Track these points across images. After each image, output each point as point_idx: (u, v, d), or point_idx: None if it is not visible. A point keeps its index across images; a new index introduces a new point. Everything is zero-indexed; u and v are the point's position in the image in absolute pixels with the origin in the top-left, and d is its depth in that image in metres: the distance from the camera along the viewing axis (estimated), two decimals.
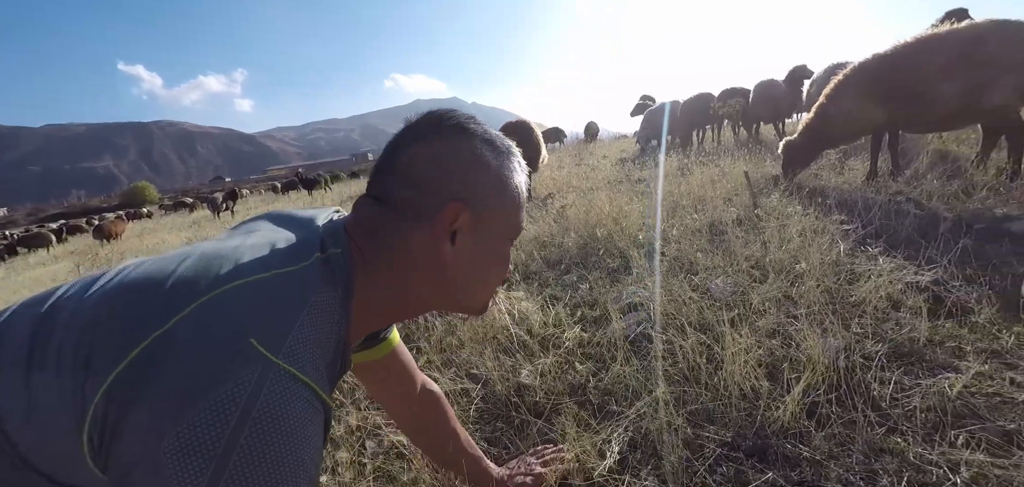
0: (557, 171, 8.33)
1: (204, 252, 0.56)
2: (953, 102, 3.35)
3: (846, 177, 4.10)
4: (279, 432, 0.45)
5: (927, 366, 1.51)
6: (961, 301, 1.77)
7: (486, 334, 2.26)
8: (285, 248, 0.58)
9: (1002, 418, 1.26)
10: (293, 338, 0.50)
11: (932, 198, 3.05)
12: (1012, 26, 3.19)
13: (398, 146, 0.65)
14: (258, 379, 0.45)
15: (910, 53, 3.56)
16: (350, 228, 0.65)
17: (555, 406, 1.72)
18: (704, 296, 2.25)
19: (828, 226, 2.77)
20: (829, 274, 2.16)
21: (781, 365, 1.65)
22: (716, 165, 5.13)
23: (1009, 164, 3.23)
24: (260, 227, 0.67)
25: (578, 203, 4.30)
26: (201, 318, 0.48)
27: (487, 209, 0.66)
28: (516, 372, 1.92)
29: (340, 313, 0.57)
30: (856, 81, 3.84)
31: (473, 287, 0.70)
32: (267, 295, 0.52)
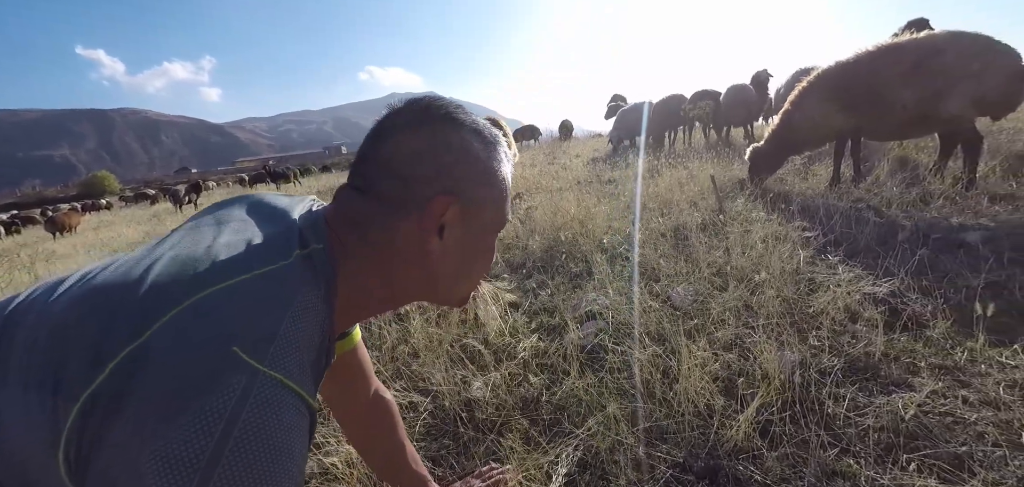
0: (529, 169, 8.25)
1: (177, 254, 0.53)
2: (912, 109, 3.41)
3: (810, 182, 4.15)
4: (264, 444, 0.43)
5: (882, 383, 1.47)
6: (917, 314, 1.75)
7: (441, 341, 2.15)
8: (263, 245, 0.55)
9: (954, 440, 1.22)
10: (278, 342, 0.48)
11: (892, 206, 3.08)
12: (968, 38, 3.26)
13: (383, 134, 0.62)
14: (244, 388, 0.44)
15: (871, 61, 3.61)
16: (331, 219, 0.62)
17: (505, 422, 1.63)
18: (665, 304, 2.19)
19: (790, 233, 2.76)
20: (789, 283, 2.13)
21: (737, 379, 1.59)
22: (685, 168, 5.13)
23: (964, 174, 3.30)
24: (232, 216, 0.62)
25: (546, 204, 4.22)
26: (180, 327, 0.45)
27: (475, 202, 0.63)
28: (468, 385, 1.82)
29: (324, 310, 0.55)
30: (819, 88, 3.87)
31: (458, 280, 0.68)
32: (249, 299, 0.49)
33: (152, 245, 0.59)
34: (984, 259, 2.03)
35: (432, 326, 2.31)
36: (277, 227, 0.59)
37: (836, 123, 3.83)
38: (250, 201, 0.67)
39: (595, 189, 5.24)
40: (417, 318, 2.44)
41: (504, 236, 3.62)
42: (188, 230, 0.61)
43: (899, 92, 3.41)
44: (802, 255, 2.38)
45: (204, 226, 0.61)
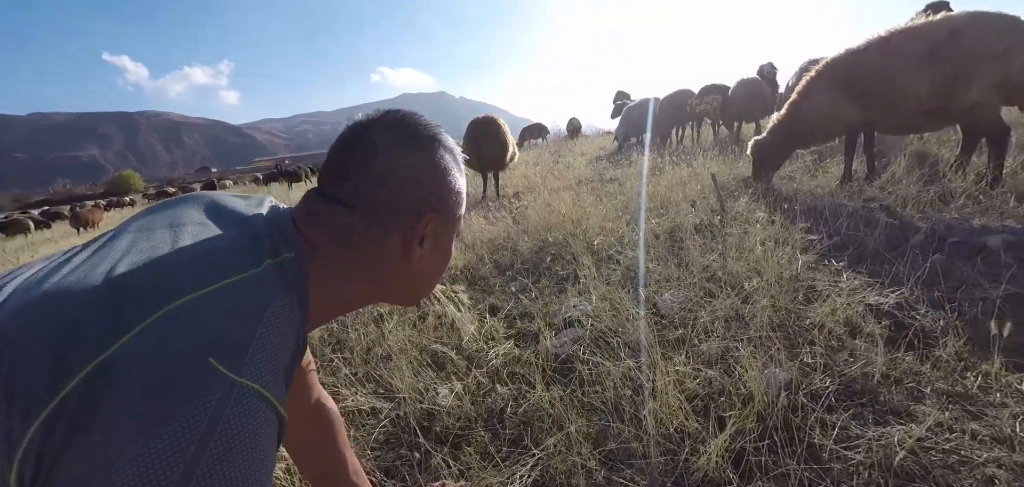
0: (533, 168, 8.10)
1: (139, 259, 0.51)
2: (927, 99, 3.15)
3: (820, 180, 3.92)
4: (239, 454, 0.44)
5: (879, 410, 1.30)
6: (925, 329, 1.57)
7: (416, 345, 2.04)
8: (232, 252, 0.55)
9: (957, 486, 1.05)
10: (253, 351, 0.48)
11: (906, 205, 2.85)
12: (987, 18, 2.99)
13: (373, 148, 0.64)
14: (220, 400, 0.44)
15: (883, 47, 3.36)
16: (301, 223, 0.63)
17: (467, 434, 1.51)
18: (650, 312, 2.03)
19: (793, 235, 2.57)
20: (786, 291, 1.95)
21: (717, 398, 1.44)
22: (689, 165, 4.93)
23: (989, 170, 3.04)
24: (188, 219, 0.61)
25: (541, 203, 4.07)
26: (155, 337, 0.44)
27: (449, 217, 0.70)
28: (433, 392, 1.70)
29: (297, 316, 0.56)
30: (828, 77, 3.62)
31: (428, 282, 0.74)
32: (221, 309, 0.49)
33: (98, 246, 0.56)
34: (1006, 267, 1.83)
35: (408, 328, 2.20)
36: (244, 232, 0.59)
37: (847, 115, 3.59)
38: (205, 202, 0.66)
39: (595, 188, 5.07)
40: (395, 319, 2.33)
41: (495, 236, 3.49)
42: (139, 230, 0.59)
43: (913, 80, 3.16)
44: (802, 260, 2.20)
45: (158, 228, 0.59)
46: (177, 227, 0.59)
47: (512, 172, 7.63)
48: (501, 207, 4.83)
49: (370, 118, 0.67)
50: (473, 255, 3.16)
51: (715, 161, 5.14)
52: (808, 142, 4.02)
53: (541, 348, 1.85)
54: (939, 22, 3.14)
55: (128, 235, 0.58)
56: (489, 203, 5.38)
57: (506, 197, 5.59)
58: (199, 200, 0.66)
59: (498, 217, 4.03)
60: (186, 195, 0.69)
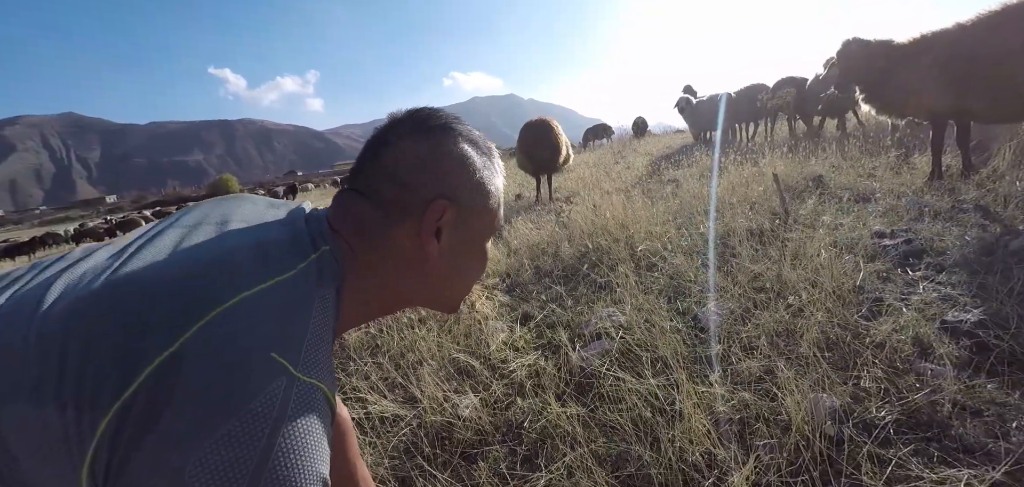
0: (592, 169, 7.95)
1: (191, 257, 0.54)
2: None
3: (904, 178, 3.47)
4: (306, 445, 0.45)
5: (949, 445, 1.12)
6: (1015, 353, 1.33)
7: (446, 351, 2.05)
8: (277, 248, 0.56)
9: None
10: (307, 345, 0.50)
11: (1007, 205, 2.46)
12: None
13: (384, 143, 0.65)
14: (284, 394, 0.45)
15: (993, 24, 2.90)
16: (334, 223, 0.64)
17: (483, 448, 1.49)
18: (689, 324, 1.90)
19: (863, 240, 2.30)
20: (846, 304, 1.74)
21: (754, 425, 1.30)
22: (754, 164, 4.59)
23: None
24: (231, 216, 0.64)
25: (589, 207, 3.96)
26: (216, 333, 0.46)
27: (470, 207, 0.67)
28: (456, 403, 1.70)
29: (335, 311, 0.58)
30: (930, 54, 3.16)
31: (454, 282, 0.71)
32: (276, 305, 0.50)
33: (143, 242, 0.58)
34: None
35: (441, 334, 2.22)
36: (286, 230, 0.61)
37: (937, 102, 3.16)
38: (244, 203, 0.68)
39: (651, 190, 4.87)
40: (429, 323, 2.37)
41: (539, 241, 3.45)
42: (186, 228, 0.61)
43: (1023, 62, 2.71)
44: (868, 269, 1.95)
45: (204, 225, 0.62)
46: (223, 224, 0.61)
47: (568, 174, 7.54)
48: (550, 211, 4.78)
49: (389, 117, 0.69)
50: (515, 260, 3.14)
51: (783, 160, 4.75)
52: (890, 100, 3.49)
53: (563, 361, 1.78)
54: None
55: (175, 231, 0.60)
56: (540, 207, 5.34)
57: (558, 201, 5.52)
58: (239, 201, 0.69)
59: (544, 221, 3.98)
60: (225, 196, 0.72)
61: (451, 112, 0.71)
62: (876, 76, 3.44)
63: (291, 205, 0.70)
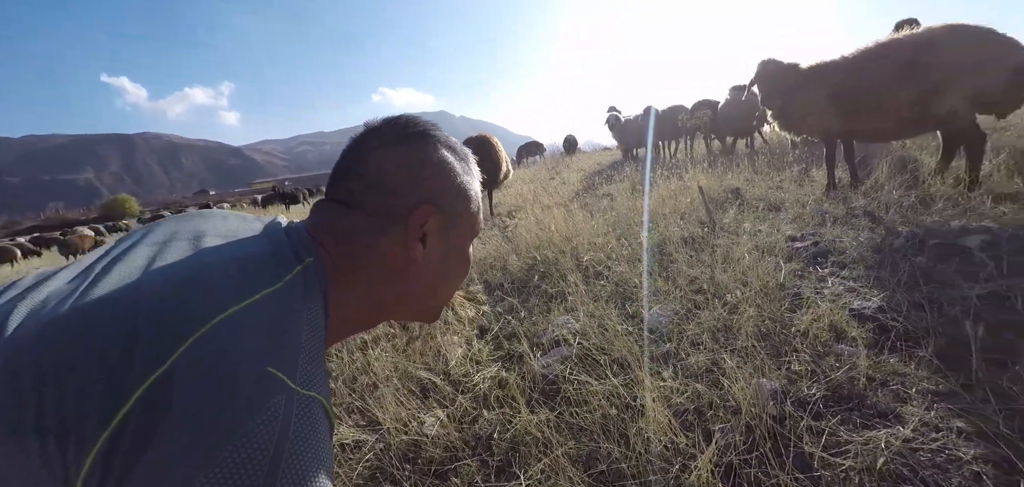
0: (527, 185, 8.15)
1: (168, 275, 0.51)
2: (908, 107, 3.22)
3: (806, 189, 3.96)
4: (310, 464, 0.44)
5: (867, 413, 1.30)
6: (908, 331, 1.58)
7: (402, 371, 2.02)
8: (261, 261, 0.55)
9: (945, 485, 1.05)
10: (302, 357, 0.49)
11: (889, 211, 2.89)
12: (964, 30, 3.08)
13: (365, 151, 0.65)
14: (285, 410, 0.44)
15: (869, 57, 3.43)
16: (315, 233, 0.63)
17: (453, 464, 1.49)
18: (638, 327, 2.03)
19: (779, 244, 2.59)
20: (772, 300, 1.96)
21: (707, 412, 1.43)
22: (679, 179, 4.98)
23: (967, 174, 3.10)
24: (206, 230, 0.62)
25: (532, 221, 4.08)
26: (204, 352, 0.44)
27: (453, 211, 0.68)
28: (420, 421, 1.68)
29: (322, 323, 0.56)
30: (820, 79, 3.66)
31: (438, 288, 0.72)
32: (266, 318, 0.49)
33: (109, 260, 0.55)
34: (983, 266, 1.85)
35: (395, 355, 2.18)
36: (267, 243, 0.59)
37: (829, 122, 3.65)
38: (217, 217, 0.66)
39: (588, 204, 5.10)
40: (382, 344, 2.32)
41: (486, 256, 3.50)
42: (156, 244, 0.59)
43: (896, 89, 3.23)
44: (787, 268, 2.21)
45: (178, 242, 0.59)
46: (197, 240, 0.59)
47: (507, 190, 7.67)
48: (493, 226, 4.85)
49: (366, 125, 0.69)
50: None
51: (705, 174, 5.20)
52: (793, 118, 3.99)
53: (528, 370, 1.84)
54: (920, 34, 3.23)
55: (144, 248, 0.58)
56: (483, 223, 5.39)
57: (499, 215, 5.61)
58: (209, 216, 0.67)
59: (489, 236, 4.04)
60: (194, 211, 0.69)
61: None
62: (784, 96, 3.91)
63: (265, 219, 0.68)
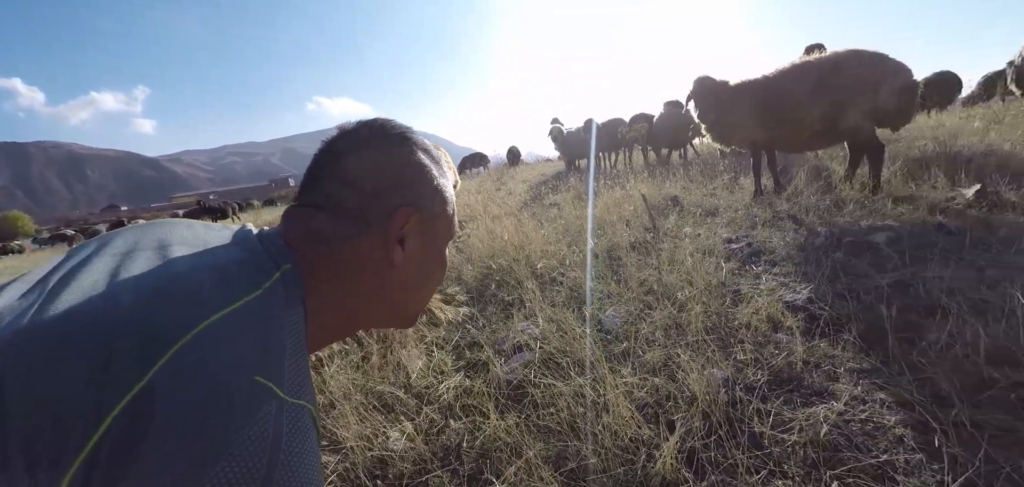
0: (475, 196, 8.17)
1: (138, 285, 0.48)
2: (819, 121, 3.61)
3: (737, 196, 4.29)
4: (303, 464, 0.44)
5: (805, 393, 1.44)
6: (833, 318, 1.76)
7: (360, 387, 1.97)
8: (238, 269, 0.53)
9: (875, 449, 1.18)
10: (289, 368, 0.48)
11: (809, 214, 3.20)
12: (862, 54, 3.51)
13: (341, 154, 0.64)
14: (276, 420, 0.43)
15: (785, 77, 3.81)
16: (291, 239, 0.61)
17: (423, 478, 1.47)
18: (596, 329, 2.11)
19: (717, 246, 2.79)
20: (715, 297, 2.11)
21: (665, 404, 1.52)
22: (622, 188, 5.21)
23: (870, 179, 3.51)
24: (172, 239, 0.59)
25: (484, 231, 4.11)
26: (185, 363, 0.42)
27: (431, 213, 0.68)
28: (384, 437, 1.65)
29: (304, 330, 0.55)
30: (748, 95, 4.01)
31: (418, 289, 0.71)
32: (249, 327, 0.47)
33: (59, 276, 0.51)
34: (889, 259, 2.11)
35: (351, 371, 2.12)
36: (242, 251, 0.57)
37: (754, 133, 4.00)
38: (182, 226, 0.64)
39: (536, 213, 5.21)
40: (336, 361, 2.25)
41: None
42: (116, 255, 0.55)
43: (808, 105, 3.61)
44: (727, 267, 2.39)
45: (142, 251, 0.56)
46: (164, 249, 0.56)
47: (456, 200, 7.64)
48: None
49: (339, 129, 0.68)
50: None
51: (645, 183, 5.48)
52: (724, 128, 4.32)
53: (492, 376, 1.86)
54: (826, 57, 3.63)
55: (104, 259, 0.54)
56: None
57: None
58: (171, 224, 0.64)
59: None
60: (154, 220, 0.66)
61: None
62: (717, 110, 4.23)
63: (232, 227, 0.66)
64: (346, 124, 0.68)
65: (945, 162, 3.67)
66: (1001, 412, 1.22)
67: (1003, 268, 1.92)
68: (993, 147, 4.03)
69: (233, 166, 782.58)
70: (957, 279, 1.85)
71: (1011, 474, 1.04)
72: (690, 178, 5.42)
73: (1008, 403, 1.24)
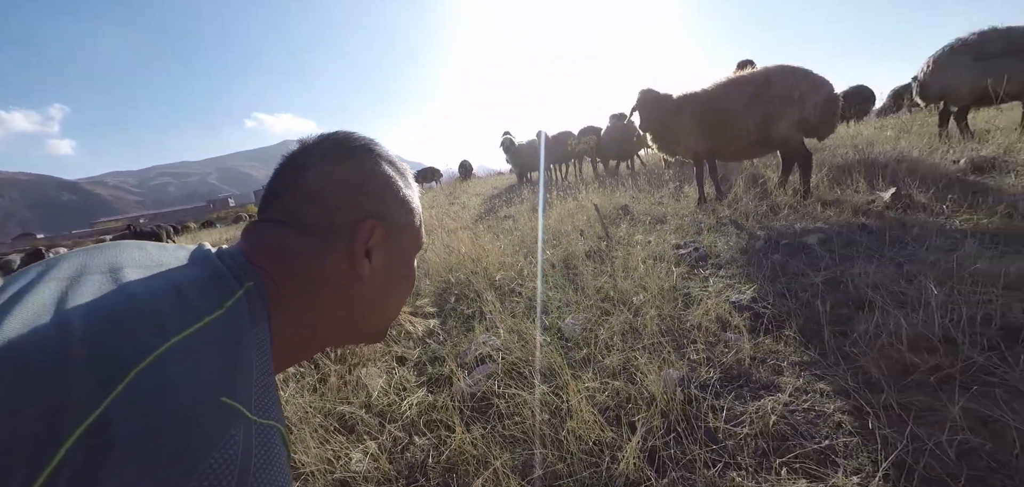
0: (429, 211, 8.09)
1: (89, 311, 0.45)
2: (753, 132, 3.88)
3: (682, 204, 4.51)
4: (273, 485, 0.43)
5: (753, 387, 1.53)
6: (775, 316, 1.89)
7: (319, 410, 1.89)
8: (200, 289, 0.50)
9: (817, 435, 1.27)
10: (255, 384, 0.46)
11: (748, 219, 3.41)
12: (789, 69, 3.81)
13: (303, 167, 0.63)
14: (244, 440, 0.42)
15: (723, 90, 4.07)
16: (252, 256, 0.59)
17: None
18: (556, 337, 2.15)
19: (667, 252, 2.92)
20: (668, 300, 2.21)
21: (626, 406, 1.56)
22: (574, 199, 5.34)
23: (801, 186, 3.79)
24: (123, 261, 0.55)
25: (441, 245, 4.08)
26: (144, 387, 0.39)
27: (398, 225, 0.67)
28: (347, 458, 1.59)
29: (269, 348, 0.53)
30: (691, 108, 4.24)
31: (387, 302, 0.70)
32: (213, 346, 0.45)
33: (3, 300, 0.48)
34: (821, 258, 2.28)
35: (308, 394, 2.04)
36: (201, 270, 0.55)
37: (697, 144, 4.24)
38: (133, 248, 0.60)
39: (492, 226, 5.23)
40: (292, 385, 2.15)
41: None
42: (62, 281, 0.51)
43: (744, 117, 3.87)
44: (677, 272, 2.50)
45: (91, 275, 0.53)
46: (116, 272, 0.53)
47: None
48: None
49: (301, 143, 0.67)
50: None
51: (596, 194, 5.64)
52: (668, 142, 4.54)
53: (456, 390, 1.84)
54: (759, 72, 3.91)
55: (49, 285, 0.50)
56: None
57: None
58: (121, 247, 0.60)
59: None
60: (104, 244, 0.62)
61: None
62: (661, 121, 4.44)
63: (188, 247, 0.63)
64: (307, 138, 0.67)
65: (864, 168, 4.02)
66: (923, 394, 1.35)
67: (918, 263, 2.12)
68: (904, 153, 4.47)
69: (165, 187, 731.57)
70: (880, 275, 2.03)
71: (933, 450, 1.15)
72: (639, 188, 5.64)
73: (929, 385, 1.38)
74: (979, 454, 1.13)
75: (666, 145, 4.54)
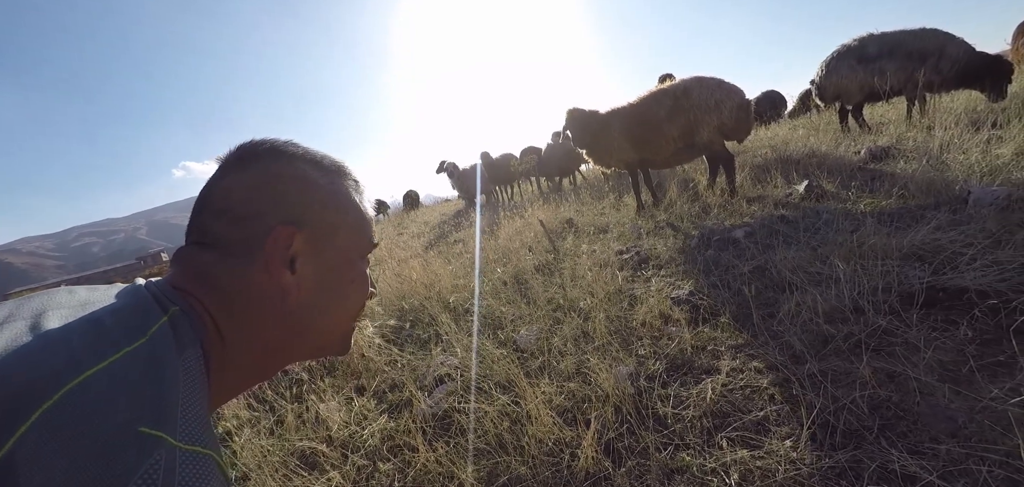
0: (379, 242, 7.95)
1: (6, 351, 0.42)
2: (678, 139, 4.19)
3: (622, 213, 4.74)
4: None
5: (696, 372, 1.65)
6: (711, 306, 2.04)
7: (276, 451, 1.83)
8: (122, 318, 0.48)
9: (754, 408, 1.40)
10: (182, 411, 0.43)
11: (683, 220, 3.65)
12: (705, 80, 4.15)
13: (213, 182, 0.60)
14: (165, 472, 0.39)
15: (647, 102, 4.36)
16: (177, 282, 0.57)
17: None
18: (512, 350, 2.20)
19: (611, 258, 3.06)
20: (614, 303, 2.32)
21: (582, 405, 1.63)
22: (521, 217, 5.45)
23: (727, 186, 4.10)
24: (48, 306, 0.52)
25: (392, 274, 4.05)
26: (52, 426, 0.37)
27: (323, 226, 0.61)
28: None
29: (201, 373, 0.50)
30: (619, 121, 4.50)
31: (329, 313, 0.64)
32: (132, 374, 0.43)
33: None
34: (747, 249, 2.49)
35: (265, 438, 1.96)
36: (126, 300, 0.53)
37: (628, 155, 4.49)
38: (59, 294, 0.56)
39: (443, 252, 5.24)
40: (246, 431, 2.06)
41: None
42: None
43: (668, 126, 4.16)
44: (621, 275, 2.64)
45: (12, 322, 0.50)
46: (39, 317, 0.51)
47: None
48: None
49: (220, 157, 0.64)
50: None
51: (542, 210, 5.80)
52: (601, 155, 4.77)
53: (417, 412, 1.85)
54: (677, 84, 4.22)
55: None
56: None
57: None
58: (51, 294, 0.58)
59: None
60: (39, 291, 0.59)
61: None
62: (591, 136, 4.66)
63: (117, 287, 0.60)
64: (223, 154, 0.64)
65: (781, 165, 4.41)
66: (839, 359, 1.52)
67: (829, 245, 2.37)
68: (814, 149, 4.94)
69: (89, 248, 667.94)
70: (798, 258, 2.25)
71: (850, 407, 1.30)
72: (582, 201, 5.86)
73: (843, 351, 1.55)
74: (888, 405, 1.29)
75: (600, 158, 4.77)
